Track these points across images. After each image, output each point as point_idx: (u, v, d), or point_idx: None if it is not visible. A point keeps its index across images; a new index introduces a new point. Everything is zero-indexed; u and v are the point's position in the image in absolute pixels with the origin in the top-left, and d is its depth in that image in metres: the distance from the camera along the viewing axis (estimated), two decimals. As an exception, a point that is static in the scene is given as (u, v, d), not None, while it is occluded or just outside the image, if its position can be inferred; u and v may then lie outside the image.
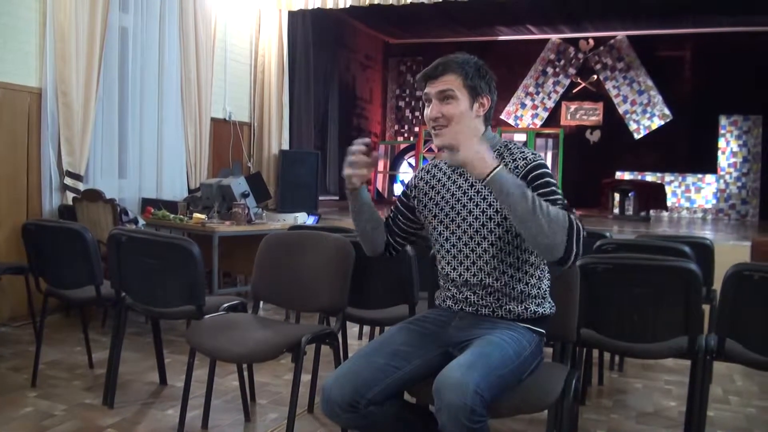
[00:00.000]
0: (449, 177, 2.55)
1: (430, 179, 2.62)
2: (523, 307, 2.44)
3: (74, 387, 3.98)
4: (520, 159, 2.38)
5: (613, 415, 3.77)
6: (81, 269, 3.79)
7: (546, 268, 2.52)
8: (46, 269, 4.07)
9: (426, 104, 2.47)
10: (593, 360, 4.22)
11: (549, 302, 2.52)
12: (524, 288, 2.44)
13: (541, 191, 2.26)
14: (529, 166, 2.34)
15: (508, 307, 2.44)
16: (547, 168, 2.37)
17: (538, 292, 2.47)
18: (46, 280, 4.09)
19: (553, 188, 2.30)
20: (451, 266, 2.52)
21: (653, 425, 3.64)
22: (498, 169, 2.12)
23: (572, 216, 2.17)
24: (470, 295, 2.49)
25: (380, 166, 13.88)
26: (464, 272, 2.48)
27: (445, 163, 2.59)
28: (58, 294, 4.08)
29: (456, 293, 2.53)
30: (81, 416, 3.52)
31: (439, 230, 2.54)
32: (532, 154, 2.41)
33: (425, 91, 2.46)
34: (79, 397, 3.79)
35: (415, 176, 2.70)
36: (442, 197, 2.55)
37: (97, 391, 3.84)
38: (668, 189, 11.63)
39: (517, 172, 2.33)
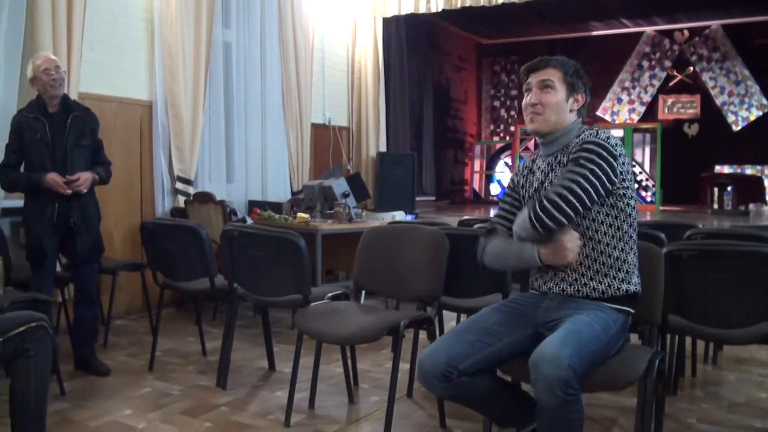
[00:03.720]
0: (542, 171, 2.69)
1: (528, 174, 2.77)
2: (606, 284, 2.55)
3: (189, 371, 4.30)
4: (581, 141, 2.53)
5: (703, 405, 3.78)
6: (196, 263, 4.11)
7: (634, 248, 2.62)
8: (162, 264, 4.42)
9: (526, 94, 2.68)
10: (686, 352, 4.25)
11: (636, 280, 2.61)
12: (610, 270, 2.55)
13: (568, 171, 2.48)
14: (580, 146, 2.51)
15: (591, 284, 2.55)
16: (596, 155, 2.45)
17: (627, 272, 2.57)
18: (162, 274, 4.44)
19: (577, 178, 2.44)
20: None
21: (743, 415, 3.63)
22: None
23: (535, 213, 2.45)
24: (562, 275, 2.60)
25: (476, 166, 13.95)
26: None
27: (540, 156, 2.76)
28: (174, 286, 4.42)
29: (545, 272, 2.65)
30: (196, 396, 3.83)
31: None
32: (599, 139, 2.50)
33: (527, 81, 2.67)
34: (193, 380, 4.11)
35: (517, 172, 2.86)
36: (540, 180, 2.68)
37: (210, 374, 4.15)
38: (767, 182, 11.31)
39: (572, 150, 2.54)
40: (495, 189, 13.60)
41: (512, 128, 13.96)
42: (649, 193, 11.85)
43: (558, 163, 2.62)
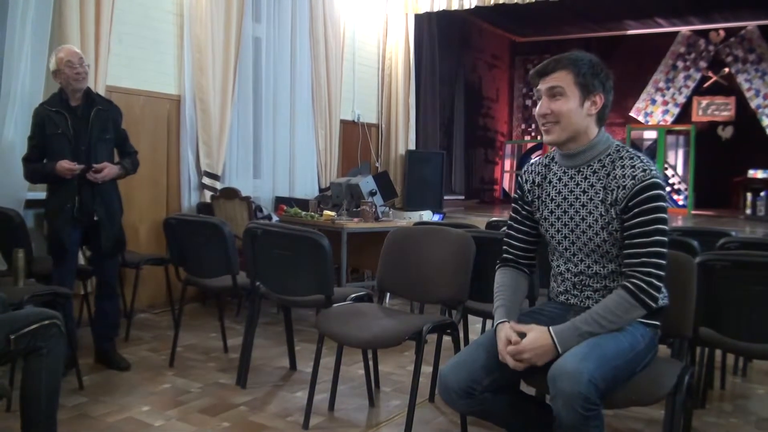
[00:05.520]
0: (565, 172, 2.51)
1: (548, 173, 2.57)
2: None
3: (209, 368, 4.27)
4: (628, 177, 2.32)
5: (732, 419, 3.68)
6: (218, 260, 4.07)
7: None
8: (185, 260, 4.39)
9: (538, 101, 2.46)
10: (716, 364, 4.15)
11: (664, 293, 2.47)
12: None
13: (639, 220, 2.28)
14: (635, 188, 2.29)
15: None
16: (659, 189, 2.29)
17: None
18: (185, 270, 4.41)
19: (656, 220, 2.28)
20: (563, 261, 2.53)
21: (770, 431, 3.55)
22: (559, 345, 2.24)
23: (640, 292, 2.28)
24: (585, 289, 2.49)
25: (507, 165, 13.84)
26: (573, 267, 2.49)
27: (557, 165, 2.56)
28: (196, 282, 4.39)
29: (570, 287, 2.54)
30: (215, 394, 3.80)
31: (555, 226, 2.53)
32: (643, 170, 2.31)
33: (537, 87, 2.45)
34: (213, 377, 4.09)
35: (524, 176, 2.66)
36: (558, 192, 2.52)
37: (230, 372, 4.12)
38: (803, 188, 11.03)
39: (624, 193, 2.31)
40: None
41: (544, 128, 13.81)
42: (682, 197, 11.64)
43: (584, 179, 2.45)
